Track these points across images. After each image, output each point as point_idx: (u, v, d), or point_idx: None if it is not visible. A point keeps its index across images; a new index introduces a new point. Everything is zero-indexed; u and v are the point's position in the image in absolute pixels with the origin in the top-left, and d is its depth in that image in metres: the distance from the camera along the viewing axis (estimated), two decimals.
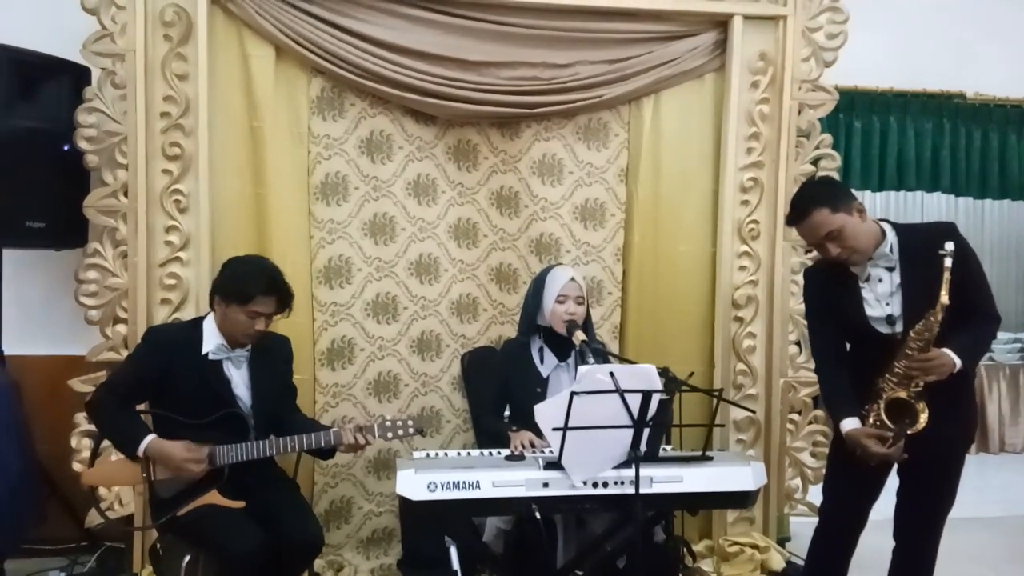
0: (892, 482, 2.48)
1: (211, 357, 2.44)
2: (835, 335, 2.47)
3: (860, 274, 2.36)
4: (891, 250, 2.32)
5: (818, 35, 3.30)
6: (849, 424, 2.33)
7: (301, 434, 2.43)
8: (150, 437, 2.36)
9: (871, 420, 2.30)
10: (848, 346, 2.49)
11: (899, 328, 2.31)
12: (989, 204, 5.88)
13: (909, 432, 2.24)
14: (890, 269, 2.33)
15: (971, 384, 2.45)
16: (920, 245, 2.27)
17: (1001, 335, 6.02)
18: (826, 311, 2.45)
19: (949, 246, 2.18)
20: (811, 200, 2.32)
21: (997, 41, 4.32)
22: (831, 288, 2.42)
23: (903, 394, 2.27)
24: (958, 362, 2.22)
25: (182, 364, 2.42)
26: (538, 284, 2.82)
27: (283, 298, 2.45)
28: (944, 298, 2.18)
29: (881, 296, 2.33)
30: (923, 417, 2.24)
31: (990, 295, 2.37)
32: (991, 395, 5.75)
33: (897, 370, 2.27)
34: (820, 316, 2.49)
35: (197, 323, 2.52)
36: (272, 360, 2.57)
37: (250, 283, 2.39)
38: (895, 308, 2.31)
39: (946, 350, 2.23)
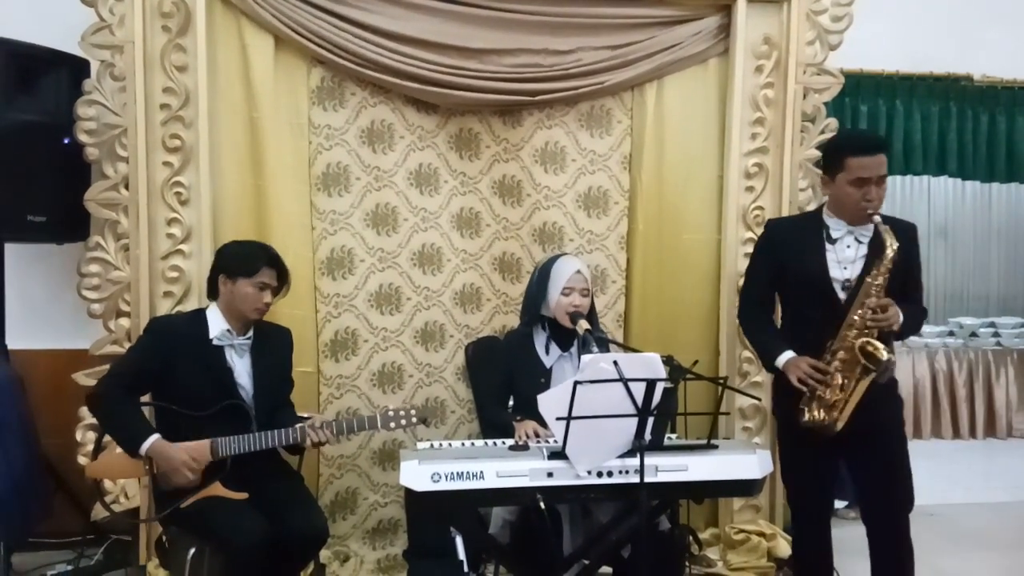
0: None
1: (215, 343, 2.45)
2: (771, 291, 2.63)
3: (837, 233, 2.45)
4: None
5: (823, 18, 3.26)
6: (787, 355, 2.45)
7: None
8: (153, 437, 2.35)
9: (838, 379, 2.35)
10: (786, 308, 2.63)
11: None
12: (996, 187, 5.83)
13: (888, 360, 2.28)
14: (860, 241, 2.44)
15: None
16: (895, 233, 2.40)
17: (1009, 320, 6.01)
18: (780, 262, 2.55)
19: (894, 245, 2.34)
20: (885, 145, 2.50)
21: (1004, 23, 4.27)
22: (797, 241, 2.51)
23: (861, 341, 2.32)
24: (900, 316, 2.35)
25: (185, 353, 2.42)
26: (543, 274, 2.77)
27: (282, 272, 2.53)
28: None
29: (843, 260, 2.43)
30: (886, 353, 2.28)
31: (922, 293, 2.56)
32: (998, 380, 5.72)
33: (856, 319, 2.34)
34: (769, 266, 2.60)
35: (199, 313, 2.53)
36: (273, 350, 2.58)
37: (254, 257, 2.49)
38: (852, 274, 2.43)
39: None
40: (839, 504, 3.62)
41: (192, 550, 2.41)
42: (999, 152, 4.44)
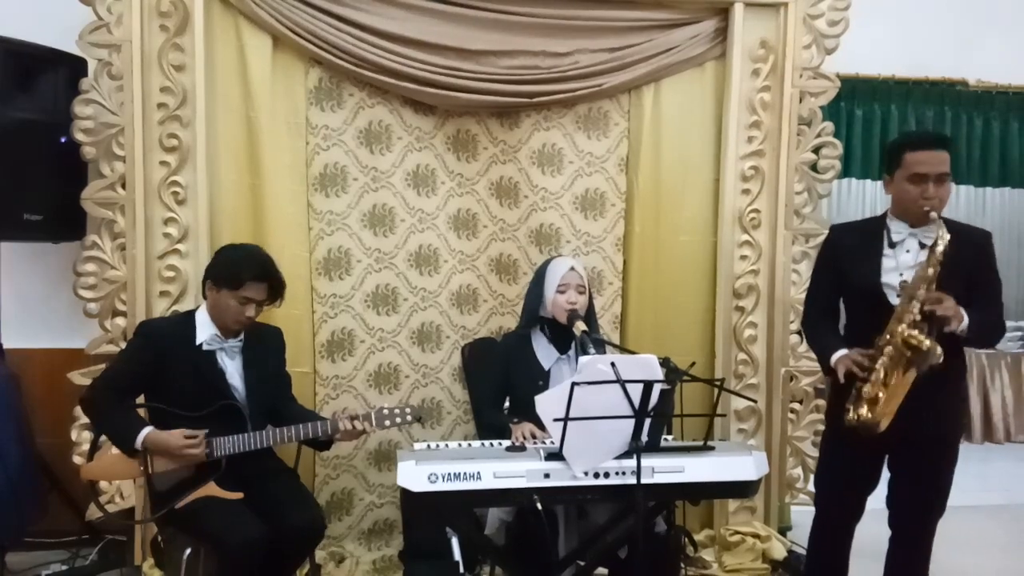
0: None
1: (204, 347, 2.44)
2: (834, 296, 2.54)
3: (898, 236, 2.38)
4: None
5: (819, 22, 3.27)
6: (839, 353, 2.37)
7: (297, 424, 2.43)
8: (147, 429, 2.35)
9: (880, 372, 2.24)
10: (846, 314, 2.54)
11: None
12: (990, 192, 5.86)
13: (929, 350, 2.15)
14: (923, 246, 2.35)
15: (963, 380, 2.49)
16: (958, 239, 2.28)
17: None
18: (839, 268, 2.49)
19: (945, 237, 2.25)
20: (947, 142, 2.42)
21: (999, 27, 4.30)
22: (855, 246, 2.46)
23: (906, 334, 2.20)
24: (966, 318, 2.22)
25: (176, 356, 2.41)
26: (539, 276, 2.81)
27: (274, 286, 2.47)
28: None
29: (901, 265, 2.37)
30: (927, 342, 2.17)
31: (1001, 306, 2.42)
32: (994, 385, 5.74)
33: (904, 312, 2.23)
34: (830, 272, 2.53)
35: (189, 315, 2.52)
36: (265, 350, 2.58)
37: (242, 268, 2.42)
38: (909, 278, 2.32)
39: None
40: None
41: (188, 550, 2.40)
42: (992, 157, 4.48)
